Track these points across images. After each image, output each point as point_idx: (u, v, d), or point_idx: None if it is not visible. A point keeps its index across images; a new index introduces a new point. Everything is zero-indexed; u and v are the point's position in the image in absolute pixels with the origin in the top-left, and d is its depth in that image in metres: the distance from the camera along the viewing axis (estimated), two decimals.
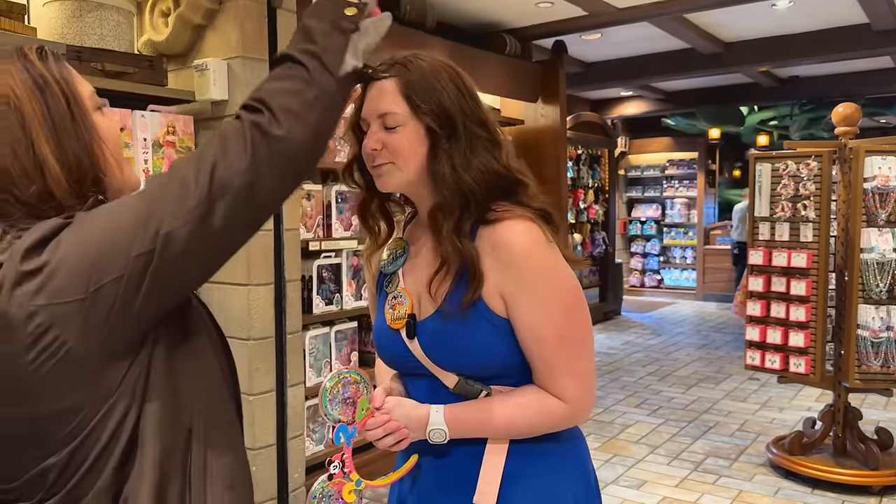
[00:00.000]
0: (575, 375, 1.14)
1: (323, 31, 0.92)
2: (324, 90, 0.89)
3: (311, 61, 0.89)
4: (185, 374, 0.91)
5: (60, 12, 2.49)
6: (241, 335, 2.78)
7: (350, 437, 1.12)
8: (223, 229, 0.83)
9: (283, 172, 0.87)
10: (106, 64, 2.51)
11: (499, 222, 1.13)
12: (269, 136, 0.84)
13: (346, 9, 0.94)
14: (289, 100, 0.86)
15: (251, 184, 0.83)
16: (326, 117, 0.90)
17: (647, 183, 10.84)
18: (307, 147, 0.88)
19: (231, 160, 0.83)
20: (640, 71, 6.59)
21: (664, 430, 4.46)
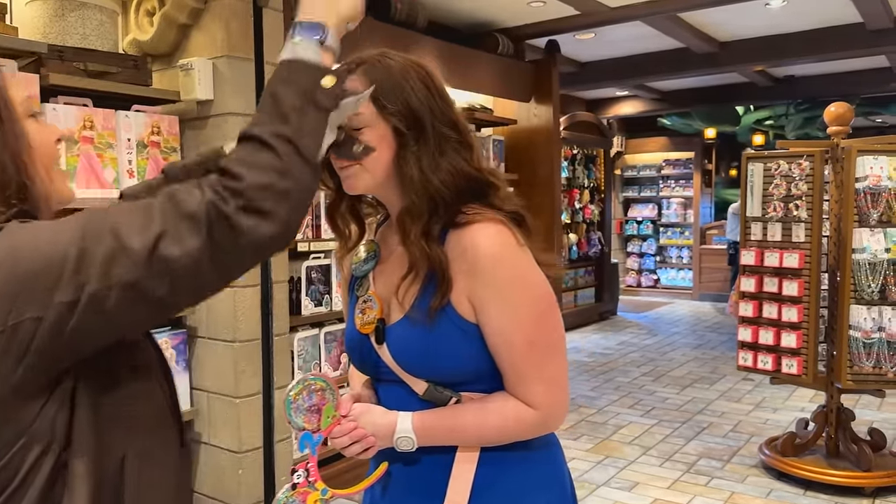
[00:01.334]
0: (545, 382, 1.11)
1: (296, 106, 0.83)
2: (298, 181, 0.81)
3: (285, 147, 0.80)
4: (115, 409, 0.86)
5: (42, 11, 2.47)
6: (226, 337, 2.76)
7: (315, 445, 1.10)
8: (158, 303, 0.78)
9: (240, 263, 0.81)
10: (89, 63, 2.49)
11: (468, 225, 1.10)
12: (230, 226, 0.77)
13: (322, 78, 0.85)
14: (261, 192, 0.78)
15: (198, 266, 0.77)
16: (299, 211, 0.82)
17: (643, 183, 10.82)
18: (271, 244, 0.81)
19: (181, 236, 0.76)
20: (634, 70, 6.57)
21: (657, 431, 4.44)
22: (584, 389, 5.43)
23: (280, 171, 0.80)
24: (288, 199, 0.80)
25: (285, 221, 0.80)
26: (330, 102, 0.85)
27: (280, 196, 0.79)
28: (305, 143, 0.82)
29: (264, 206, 0.78)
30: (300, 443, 1.09)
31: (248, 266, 0.84)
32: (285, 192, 0.80)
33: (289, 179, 0.80)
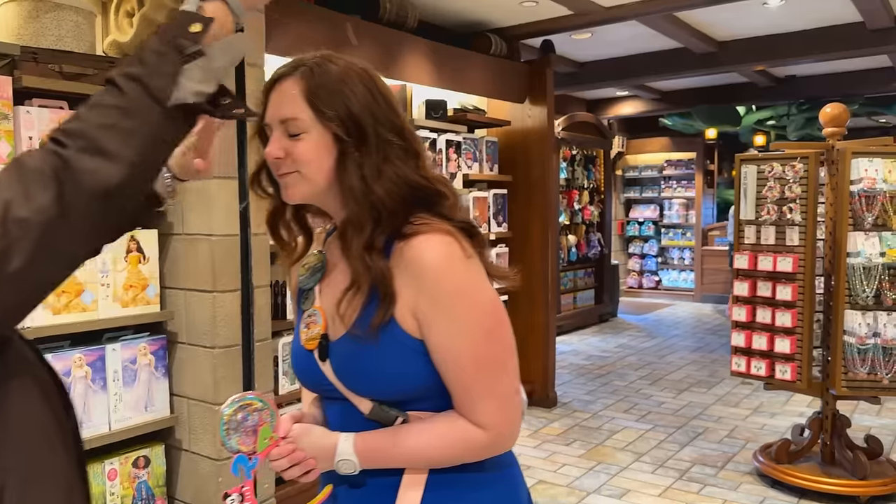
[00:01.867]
0: (495, 401, 1.06)
1: (156, 49, 0.81)
2: (144, 121, 0.78)
3: (132, 86, 0.78)
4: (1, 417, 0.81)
5: (16, 13, 2.43)
6: (206, 343, 2.72)
7: (251, 468, 1.05)
8: (22, 273, 0.73)
9: (95, 214, 0.76)
10: (64, 65, 2.45)
11: (414, 237, 1.05)
12: (73, 170, 0.73)
13: (191, 25, 0.82)
14: (99, 131, 0.76)
15: (53, 222, 0.73)
16: (147, 152, 0.79)
17: (644, 183, 10.75)
18: (121, 188, 0.76)
19: (29, 194, 0.72)
20: (633, 70, 6.50)
21: (651, 436, 4.38)
22: (579, 393, 5.38)
23: (124, 109, 0.77)
24: (132, 139, 0.77)
25: (132, 162, 0.76)
26: (189, 44, 0.82)
27: (124, 135, 0.76)
28: (156, 83, 0.79)
29: (106, 146, 0.75)
30: (233, 466, 1.04)
31: (108, 219, 0.79)
32: (129, 132, 0.77)
33: (133, 118, 0.77)
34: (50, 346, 2.42)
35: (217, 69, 0.86)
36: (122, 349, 2.60)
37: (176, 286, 2.79)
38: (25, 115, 2.30)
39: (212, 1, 0.86)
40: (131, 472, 2.63)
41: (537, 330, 4.95)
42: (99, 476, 2.52)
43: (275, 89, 1.07)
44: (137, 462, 2.65)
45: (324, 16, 3.36)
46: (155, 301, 2.72)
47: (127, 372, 2.61)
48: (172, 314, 2.78)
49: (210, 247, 2.66)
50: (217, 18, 0.85)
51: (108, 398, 2.55)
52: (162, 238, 2.77)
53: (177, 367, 2.82)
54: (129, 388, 2.61)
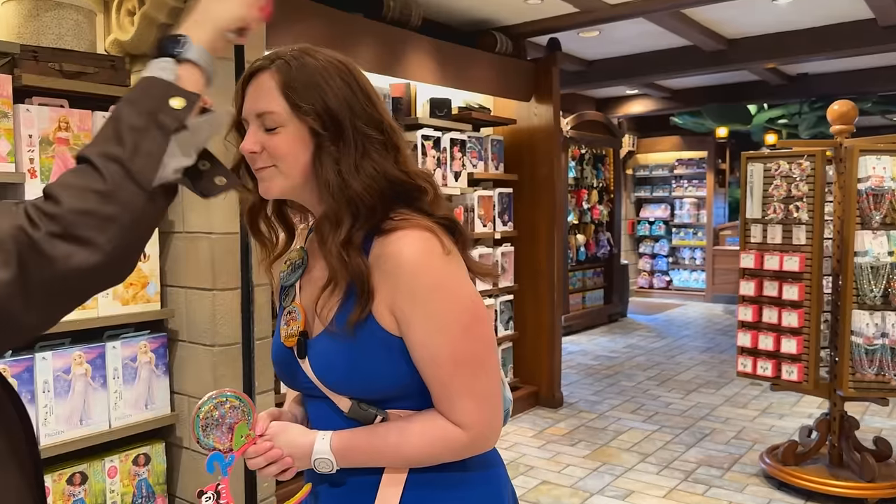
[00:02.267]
0: (474, 399, 1.05)
1: (135, 126, 0.76)
2: (125, 207, 0.74)
3: (112, 169, 0.74)
4: None
5: (17, 11, 2.44)
6: (205, 341, 2.72)
7: (226, 465, 1.04)
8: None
9: (61, 297, 0.74)
10: (64, 64, 2.46)
11: (392, 232, 1.04)
12: (40, 253, 0.70)
13: (171, 97, 0.78)
14: (76, 217, 0.71)
15: (9, 301, 0.69)
16: (128, 240, 0.75)
17: (655, 183, 10.68)
18: (94, 275, 0.73)
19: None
20: (641, 69, 6.46)
21: (658, 437, 4.34)
22: (585, 394, 5.35)
23: (103, 194, 0.73)
24: (111, 226, 0.73)
25: (107, 251, 0.72)
26: (174, 123, 0.78)
27: (102, 222, 0.72)
28: (139, 165, 0.75)
29: (81, 233, 0.71)
30: (208, 463, 1.03)
31: (75, 301, 0.76)
32: (108, 218, 0.73)
33: (113, 204, 0.73)
34: (50, 344, 2.43)
35: (199, 142, 0.83)
36: (123, 347, 2.61)
37: (176, 284, 2.80)
38: (25, 113, 2.31)
39: (184, 65, 0.83)
40: (132, 469, 2.64)
41: (543, 330, 4.92)
42: (99, 473, 2.53)
43: (251, 82, 1.06)
44: (138, 460, 2.66)
45: (325, 13, 3.36)
46: (155, 299, 2.72)
47: (127, 370, 2.62)
48: (173, 312, 2.78)
49: (210, 245, 2.66)
50: (189, 82, 0.82)
51: (109, 396, 2.55)
52: (162, 236, 2.78)
53: (177, 365, 2.82)
54: (129, 385, 2.62)
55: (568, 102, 7.81)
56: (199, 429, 1.03)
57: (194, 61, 0.84)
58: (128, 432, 2.61)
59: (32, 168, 2.34)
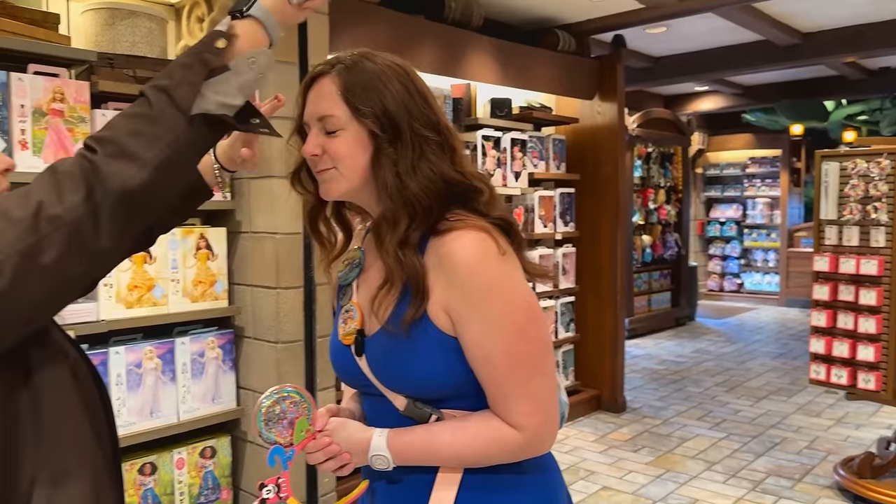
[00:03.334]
0: (530, 401, 1.04)
1: (183, 63, 0.86)
2: (168, 128, 0.82)
3: (158, 96, 0.83)
4: (31, 426, 0.85)
5: (94, 20, 2.56)
6: (270, 338, 2.79)
7: (287, 459, 1.06)
8: (54, 266, 0.77)
9: (122, 211, 0.80)
10: (137, 70, 2.56)
11: (448, 233, 1.04)
12: (100, 173, 0.79)
13: (217, 40, 0.87)
14: (127, 138, 0.81)
15: (82, 221, 0.78)
16: (170, 157, 0.83)
17: (726, 182, 10.35)
18: (143, 186, 0.81)
19: (61, 195, 0.77)
20: (711, 65, 6.27)
21: (725, 445, 4.21)
22: (650, 399, 5.23)
23: (150, 117, 0.82)
24: (156, 144, 0.81)
25: (153, 166, 0.81)
26: (214, 57, 0.86)
27: (148, 140, 0.81)
28: (181, 92, 0.83)
29: (131, 150, 0.80)
30: (270, 457, 1.06)
31: (135, 220, 0.83)
32: (153, 137, 0.81)
33: (158, 126, 0.82)
34: (122, 339, 2.54)
35: (243, 83, 0.89)
36: (192, 342, 2.70)
37: (243, 282, 2.88)
38: (101, 118, 2.42)
39: (245, 20, 0.90)
40: (198, 461, 2.72)
41: (605, 332, 4.84)
42: (168, 465, 2.62)
43: (312, 87, 1.08)
44: (204, 452, 2.75)
45: (388, 17, 3.39)
46: (223, 296, 2.81)
47: (195, 365, 2.71)
48: (239, 309, 2.87)
49: (275, 245, 2.73)
50: (247, 36, 0.89)
51: (178, 390, 2.64)
52: (230, 236, 2.86)
53: (243, 361, 2.90)
54: (197, 380, 2.71)
55: (634, 100, 7.65)
56: (261, 423, 1.06)
57: (255, 17, 0.91)
58: (195, 425, 2.70)
59: None
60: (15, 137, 2.18)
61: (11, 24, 2.20)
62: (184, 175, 0.87)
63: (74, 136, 2.33)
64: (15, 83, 2.18)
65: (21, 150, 2.20)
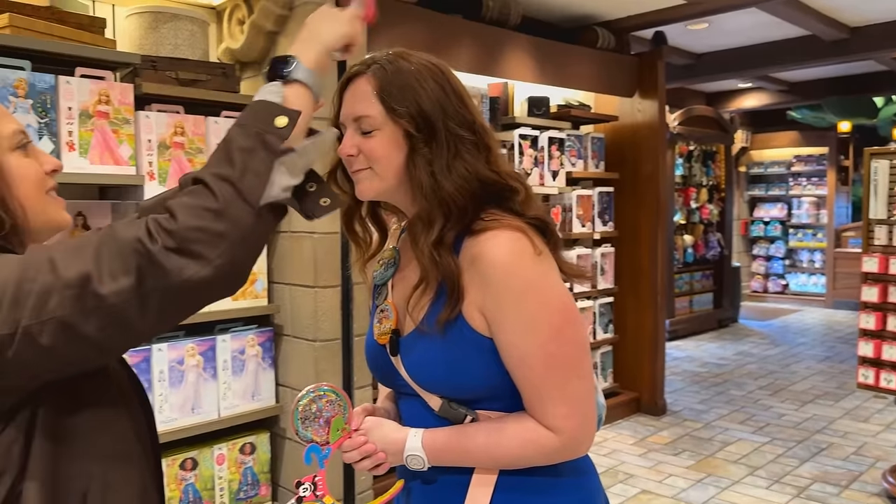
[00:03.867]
0: (566, 403, 1.02)
1: (244, 147, 0.80)
2: (235, 224, 0.78)
3: (223, 187, 0.78)
4: (79, 438, 0.86)
5: (138, 24, 2.61)
6: (308, 336, 2.81)
7: (323, 458, 1.07)
8: (90, 342, 0.77)
9: (173, 307, 0.79)
10: (180, 72, 2.60)
11: (483, 233, 1.03)
12: (156, 266, 0.75)
13: (276, 118, 0.82)
14: (190, 233, 0.76)
15: (127, 306, 0.76)
16: (236, 254, 0.78)
17: (771, 180, 10.12)
18: (205, 288, 0.78)
19: (112, 273, 0.75)
20: (755, 61, 6.12)
21: (769, 449, 4.11)
22: (691, 402, 5.14)
23: (215, 212, 0.77)
24: (221, 242, 0.77)
25: (218, 265, 0.77)
26: (279, 142, 0.81)
27: (213, 238, 0.77)
28: (248, 184, 0.79)
29: (193, 248, 0.76)
30: (306, 455, 1.07)
31: (186, 311, 0.81)
32: (219, 235, 0.77)
33: (224, 221, 0.77)
34: (166, 336, 2.59)
35: (308, 163, 0.86)
36: (232, 340, 2.74)
37: (282, 281, 2.91)
38: (145, 119, 2.47)
39: (292, 85, 0.87)
40: (238, 457, 2.77)
41: (645, 334, 4.77)
42: (208, 460, 2.67)
43: (348, 88, 1.09)
44: (244, 448, 2.79)
45: (425, 16, 3.39)
46: (263, 295, 2.84)
47: (236, 362, 2.75)
48: (278, 308, 2.90)
49: (313, 244, 2.75)
50: (299, 104, 0.86)
51: (218, 386, 2.69)
52: (270, 235, 2.89)
53: (282, 359, 2.94)
54: (237, 377, 2.75)
55: (675, 98, 7.52)
56: (298, 421, 1.07)
57: (302, 81, 0.88)
58: (235, 422, 2.74)
59: (151, 171, 2.50)
60: (63, 139, 2.24)
61: (60, 28, 2.26)
62: (248, 267, 0.83)
63: (119, 138, 2.38)
64: (63, 86, 2.24)
65: (68, 152, 2.26)
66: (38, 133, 2.19)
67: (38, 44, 2.19)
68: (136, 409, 0.98)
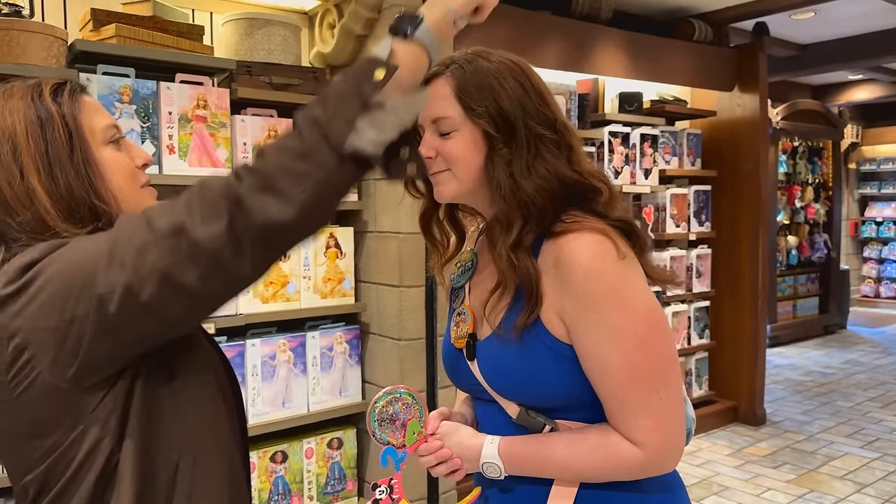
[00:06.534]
0: (652, 417, 0.97)
1: (339, 94, 0.82)
2: (319, 166, 0.79)
3: (311, 130, 0.80)
4: (173, 411, 0.89)
5: (234, 30, 2.71)
6: (393, 335, 2.84)
7: (399, 461, 1.06)
8: (191, 292, 0.79)
9: (260, 249, 0.80)
10: (273, 77, 2.68)
11: (563, 235, 1.00)
12: (242, 205, 0.77)
13: (376, 69, 0.83)
14: (276, 172, 0.78)
15: (221, 249, 0.77)
16: (318, 197, 0.79)
17: (884, 178, 9.44)
18: (286, 229, 0.79)
19: (205, 220, 0.77)
20: (866, 51, 5.71)
21: (879, 466, 3.83)
22: (793, 412, 4.86)
23: (301, 153, 0.79)
24: (304, 181, 0.78)
25: (300, 203, 0.78)
26: (373, 92, 0.81)
27: (296, 177, 0.78)
28: (335, 128, 0.80)
29: (278, 186, 0.78)
30: (382, 457, 1.06)
31: (276, 252, 0.82)
32: (302, 174, 0.78)
33: (308, 162, 0.79)
34: (259, 332, 2.68)
35: (400, 121, 0.85)
36: (321, 337, 2.80)
37: (368, 280, 2.95)
38: (240, 123, 2.56)
39: (406, 42, 0.87)
40: (326, 452, 2.82)
41: (744, 340, 4.55)
42: (298, 454, 2.74)
43: (427, 88, 1.07)
44: (332, 443, 2.84)
45: (512, 14, 3.36)
46: (350, 293, 2.89)
47: (324, 358, 2.81)
48: (365, 306, 2.94)
49: (398, 244, 2.78)
50: (407, 60, 0.86)
51: (308, 382, 2.75)
52: (357, 235, 2.94)
53: (369, 356, 2.98)
54: (325, 373, 2.81)
55: (778, 91, 7.13)
56: (374, 423, 1.07)
57: (418, 39, 0.88)
58: (323, 416, 2.80)
59: None
60: (163, 142, 2.35)
61: (162, 36, 2.37)
62: (329, 210, 0.84)
63: (216, 141, 2.48)
64: (164, 92, 2.35)
65: (168, 155, 2.37)
66: (141, 137, 2.31)
67: (142, 52, 2.30)
68: (230, 397, 1.01)
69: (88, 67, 2.27)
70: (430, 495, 2.89)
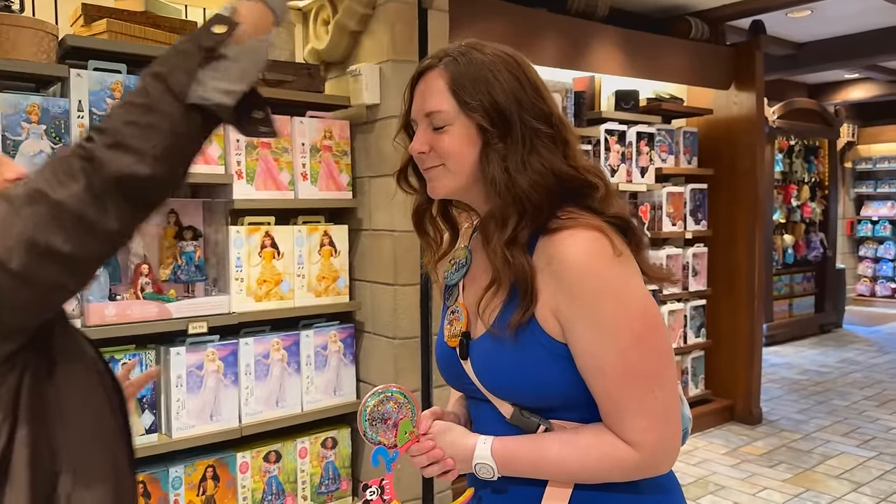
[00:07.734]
0: (647, 416, 0.95)
1: (180, 49, 0.84)
2: (164, 116, 0.81)
3: (153, 83, 0.82)
4: (57, 402, 0.90)
5: None
6: (387, 333, 2.82)
7: (390, 461, 1.04)
8: (60, 257, 0.80)
9: (127, 199, 0.81)
10: (267, 73, 2.66)
11: (559, 232, 0.98)
12: (93, 160, 0.79)
13: (216, 25, 0.85)
14: (123, 128, 0.81)
15: (83, 208, 0.79)
16: (169, 148, 0.82)
17: (880, 177, 9.45)
18: (144, 182, 0.81)
19: (62, 183, 0.79)
20: (862, 50, 5.71)
21: (875, 465, 3.83)
22: (789, 411, 4.86)
23: (146, 106, 0.81)
24: (152, 134, 0.80)
25: (151, 156, 0.80)
26: (211, 43, 0.83)
27: (143, 130, 0.80)
28: (175, 79, 0.82)
29: (127, 141, 0.80)
30: (373, 457, 1.05)
31: (141, 207, 0.84)
32: (149, 126, 0.80)
33: (153, 115, 0.81)
34: (252, 331, 2.65)
35: (243, 71, 0.86)
36: (315, 335, 2.78)
37: (363, 278, 2.93)
38: None
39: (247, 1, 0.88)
40: (320, 451, 2.80)
41: (740, 339, 4.54)
42: (291, 453, 2.72)
43: (420, 83, 1.05)
44: (326, 443, 2.82)
45: (509, 11, 3.34)
46: (344, 292, 2.87)
47: (318, 357, 2.79)
48: (360, 305, 2.92)
49: (393, 242, 2.76)
50: (251, 17, 0.87)
51: (301, 381, 2.73)
52: (352, 233, 2.92)
53: (363, 355, 2.96)
54: (320, 372, 2.79)
55: (774, 90, 7.13)
56: (365, 423, 1.05)
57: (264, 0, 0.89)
58: (317, 416, 2.78)
59: (239, 170, 2.57)
60: None
61: (154, 32, 2.35)
62: (184, 161, 0.86)
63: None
64: None
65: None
66: None
67: (134, 48, 2.28)
68: (114, 402, 1.01)
69: (79, 63, 2.25)
70: (424, 496, 2.87)
